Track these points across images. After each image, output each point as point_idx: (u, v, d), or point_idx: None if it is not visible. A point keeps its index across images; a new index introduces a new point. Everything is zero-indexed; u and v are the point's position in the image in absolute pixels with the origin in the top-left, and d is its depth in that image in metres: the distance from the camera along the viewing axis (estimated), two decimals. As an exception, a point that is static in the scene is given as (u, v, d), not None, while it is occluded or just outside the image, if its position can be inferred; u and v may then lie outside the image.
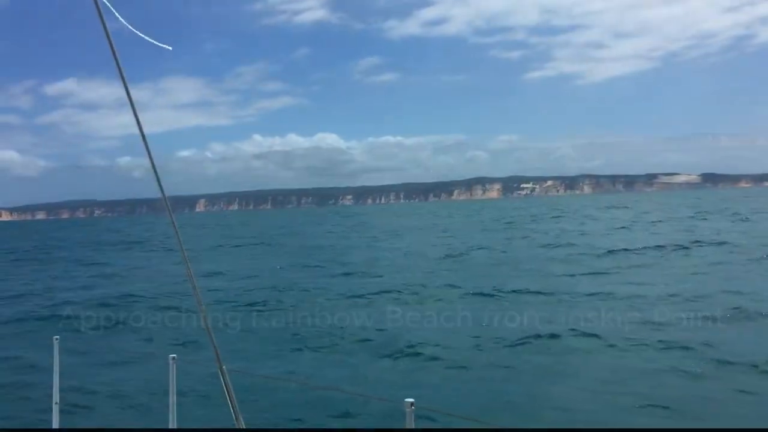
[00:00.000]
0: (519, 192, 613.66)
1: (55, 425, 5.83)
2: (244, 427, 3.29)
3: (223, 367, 3.29)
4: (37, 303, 24.59)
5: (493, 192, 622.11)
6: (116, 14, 2.98)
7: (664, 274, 25.10)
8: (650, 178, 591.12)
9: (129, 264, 40.57)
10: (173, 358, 4.87)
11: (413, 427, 3.14)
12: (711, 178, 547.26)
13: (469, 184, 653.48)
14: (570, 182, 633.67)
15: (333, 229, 79.16)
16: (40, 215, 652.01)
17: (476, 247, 41.28)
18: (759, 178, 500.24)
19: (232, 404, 3.27)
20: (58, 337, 6.09)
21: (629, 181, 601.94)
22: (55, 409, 5.84)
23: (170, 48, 3.19)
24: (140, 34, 3.08)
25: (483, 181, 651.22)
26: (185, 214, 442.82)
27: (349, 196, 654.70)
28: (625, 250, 33.23)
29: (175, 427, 4.82)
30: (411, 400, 3.17)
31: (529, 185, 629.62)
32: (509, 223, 72.42)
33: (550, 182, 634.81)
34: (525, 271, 28.21)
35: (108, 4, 2.97)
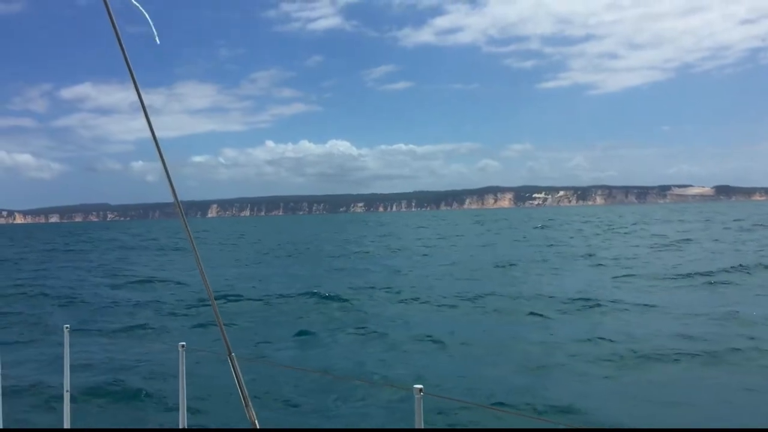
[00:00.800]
0: (531, 202, 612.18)
1: (66, 411, 5.94)
2: (254, 415, 3.33)
3: (233, 354, 3.32)
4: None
5: (505, 201, 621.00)
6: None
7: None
8: (663, 190, 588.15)
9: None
10: (182, 345, 4.93)
11: (422, 412, 3.22)
12: (725, 191, 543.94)
13: (481, 193, 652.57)
14: (582, 193, 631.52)
15: (366, 236, 77.09)
16: (54, 218, 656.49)
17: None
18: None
19: (242, 392, 3.28)
20: (68, 325, 6.18)
21: (642, 193, 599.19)
22: (66, 397, 5.96)
23: (158, 42, 3.19)
24: (139, 6, 3.12)
25: (495, 190, 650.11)
26: (197, 219, 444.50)
27: (361, 204, 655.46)
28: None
29: (185, 416, 4.88)
30: (420, 386, 3.24)
31: (541, 195, 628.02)
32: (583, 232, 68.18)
33: (562, 192, 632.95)
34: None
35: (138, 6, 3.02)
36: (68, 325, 6.21)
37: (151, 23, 3.16)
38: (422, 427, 3.24)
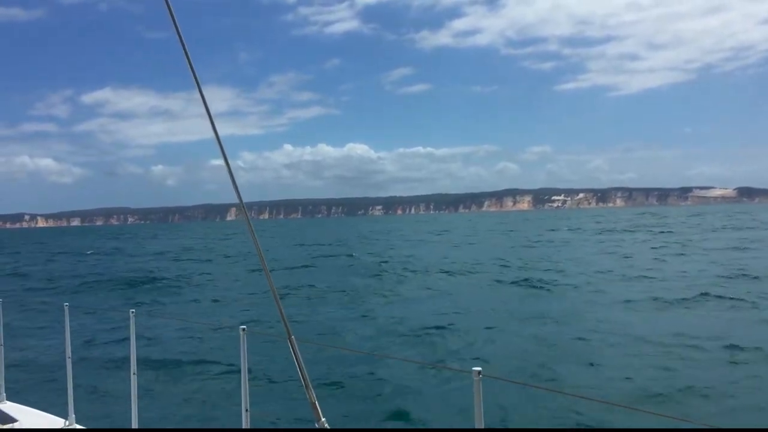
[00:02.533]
0: (550, 204, 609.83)
1: (134, 394, 6.04)
2: (314, 396, 3.28)
3: (293, 337, 3.34)
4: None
5: (524, 204, 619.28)
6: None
7: None
8: (684, 192, 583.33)
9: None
10: (243, 329, 4.99)
11: (481, 395, 3.21)
12: (747, 193, 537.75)
13: (499, 196, 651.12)
14: (602, 195, 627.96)
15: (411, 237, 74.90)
16: (75, 222, 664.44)
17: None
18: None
19: (302, 374, 3.28)
20: (133, 310, 6.29)
21: (663, 195, 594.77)
22: (134, 379, 6.07)
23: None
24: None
25: (514, 193, 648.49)
26: (216, 223, 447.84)
27: (379, 207, 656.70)
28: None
29: (247, 397, 4.89)
30: (478, 369, 3.24)
31: (561, 197, 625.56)
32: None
33: (581, 195, 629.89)
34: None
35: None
36: (134, 310, 6.32)
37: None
38: (482, 413, 3.21)
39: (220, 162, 3.39)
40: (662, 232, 66.03)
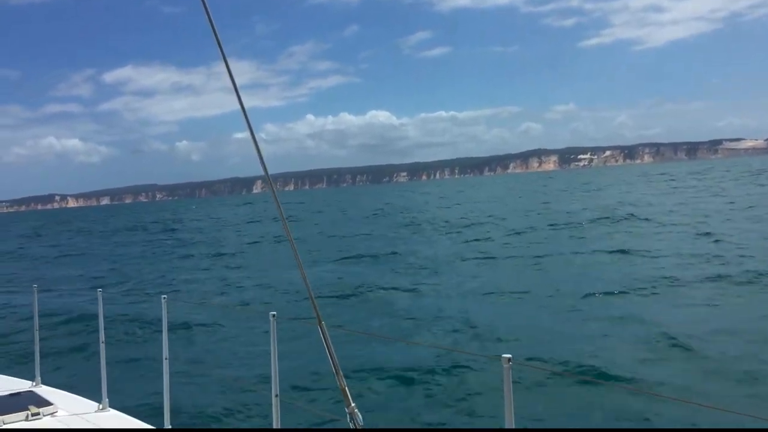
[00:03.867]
0: (576, 163, 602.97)
1: (166, 380, 6.16)
2: (344, 382, 3.28)
3: (323, 323, 3.34)
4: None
5: (549, 164, 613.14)
6: None
7: None
8: (714, 145, 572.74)
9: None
10: (273, 315, 5.03)
11: (511, 382, 3.20)
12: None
13: (524, 157, 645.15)
14: (629, 152, 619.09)
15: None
16: (105, 200, 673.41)
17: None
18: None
19: (332, 360, 3.28)
20: (165, 296, 6.39)
21: (692, 149, 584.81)
22: (165, 364, 6.20)
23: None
24: None
25: (539, 153, 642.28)
26: (243, 196, 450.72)
27: (404, 173, 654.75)
28: None
29: (277, 383, 4.95)
30: (509, 355, 3.22)
31: (587, 156, 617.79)
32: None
33: (608, 152, 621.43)
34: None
35: None
36: (165, 296, 6.40)
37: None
38: (512, 400, 3.21)
39: (244, 135, 3.35)
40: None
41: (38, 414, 5.64)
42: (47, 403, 5.89)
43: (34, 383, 6.98)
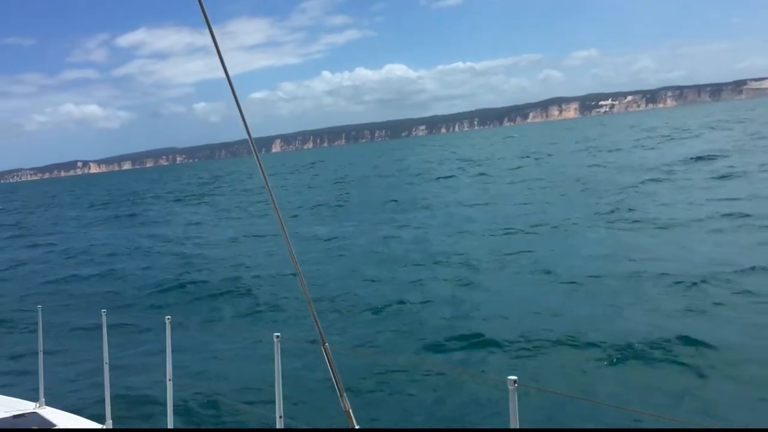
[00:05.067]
0: (597, 110, 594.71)
1: (169, 399, 6.14)
2: (347, 403, 3.31)
3: (326, 344, 3.34)
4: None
5: (570, 112, 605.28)
6: None
7: None
8: (738, 85, 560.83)
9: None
10: (277, 336, 4.96)
11: (517, 405, 3.19)
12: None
13: (544, 106, 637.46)
14: (651, 96, 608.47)
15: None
16: (126, 165, 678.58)
17: None
18: None
19: (336, 381, 3.30)
20: (169, 316, 6.30)
21: (715, 90, 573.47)
22: (169, 385, 6.15)
23: None
24: None
25: (559, 102, 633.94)
26: (262, 155, 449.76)
27: (423, 127, 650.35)
28: None
29: (281, 405, 4.93)
30: (514, 377, 3.20)
31: (608, 102, 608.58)
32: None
33: (630, 98, 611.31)
34: None
35: None
36: (169, 317, 6.32)
37: None
38: (517, 422, 3.17)
39: (261, 94, 3.26)
40: None
41: None
42: (50, 424, 5.90)
43: (37, 404, 6.95)
